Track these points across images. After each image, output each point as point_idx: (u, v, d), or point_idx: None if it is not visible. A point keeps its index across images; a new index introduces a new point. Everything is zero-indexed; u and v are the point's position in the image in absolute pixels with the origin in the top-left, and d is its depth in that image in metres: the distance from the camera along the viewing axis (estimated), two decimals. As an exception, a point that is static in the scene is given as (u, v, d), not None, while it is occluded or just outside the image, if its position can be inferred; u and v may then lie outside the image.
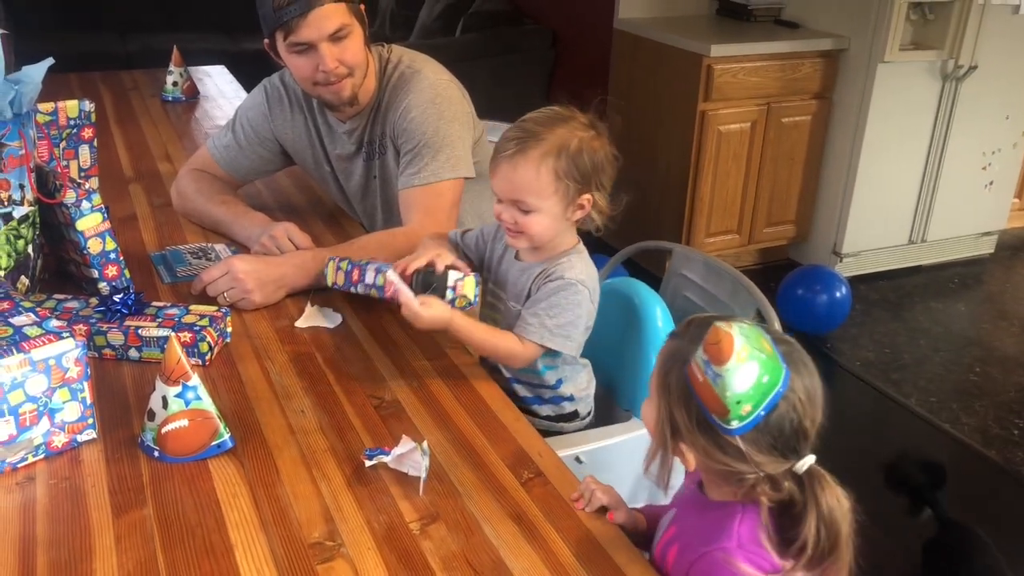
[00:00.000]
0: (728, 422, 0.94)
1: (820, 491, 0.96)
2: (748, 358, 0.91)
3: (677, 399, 0.98)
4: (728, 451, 0.96)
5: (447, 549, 1.06)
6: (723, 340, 0.91)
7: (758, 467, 0.95)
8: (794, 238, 3.96)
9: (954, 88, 3.69)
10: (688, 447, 0.99)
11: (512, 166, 1.37)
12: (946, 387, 3.14)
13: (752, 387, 0.92)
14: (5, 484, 1.14)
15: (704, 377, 0.93)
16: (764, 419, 0.94)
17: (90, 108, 1.87)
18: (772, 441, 0.95)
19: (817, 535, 0.94)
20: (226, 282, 1.59)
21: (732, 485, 1.00)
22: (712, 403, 0.94)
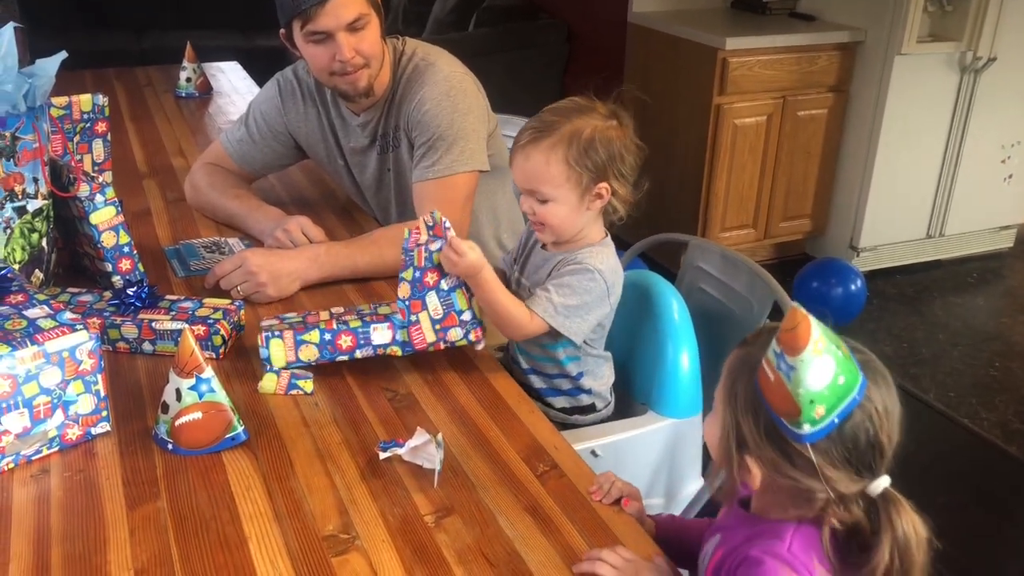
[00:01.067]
0: (800, 425, 0.86)
1: (896, 516, 0.90)
2: (824, 351, 0.85)
3: (744, 408, 0.91)
4: (798, 463, 0.89)
5: (462, 542, 1.05)
6: (801, 324, 0.84)
7: (829, 483, 0.88)
8: (810, 232, 3.93)
9: (973, 80, 3.65)
10: (754, 460, 0.92)
11: (525, 156, 1.39)
12: (965, 382, 3.11)
13: (827, 386, 0.85)
14: (20, 476, 1.14)
15: (776, 374, 0.86)
16: (838, 427, 0.87)
17: (103, 102, 1.88)
18: (846, 454, 0.88)
19: (890, 563, 0.89)
20: (240, 275, 1.58)
21: (799, 507, 0.92)
22: (783, 404, 0.86)
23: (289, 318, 1.42)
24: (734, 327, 1.66)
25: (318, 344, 1.34)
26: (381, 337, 1.36)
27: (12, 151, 1.39)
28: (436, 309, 1.37)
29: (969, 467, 2.74)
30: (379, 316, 1.39)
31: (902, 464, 2.82)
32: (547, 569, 1.01)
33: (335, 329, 1.35)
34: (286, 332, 1.34)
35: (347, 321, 1.37)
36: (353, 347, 1.35)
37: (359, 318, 1.38)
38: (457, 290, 1.38)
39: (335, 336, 1.34)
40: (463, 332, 1.40)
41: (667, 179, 3.77)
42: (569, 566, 1.02)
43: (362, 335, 1.35)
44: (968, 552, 2.32)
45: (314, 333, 1.34)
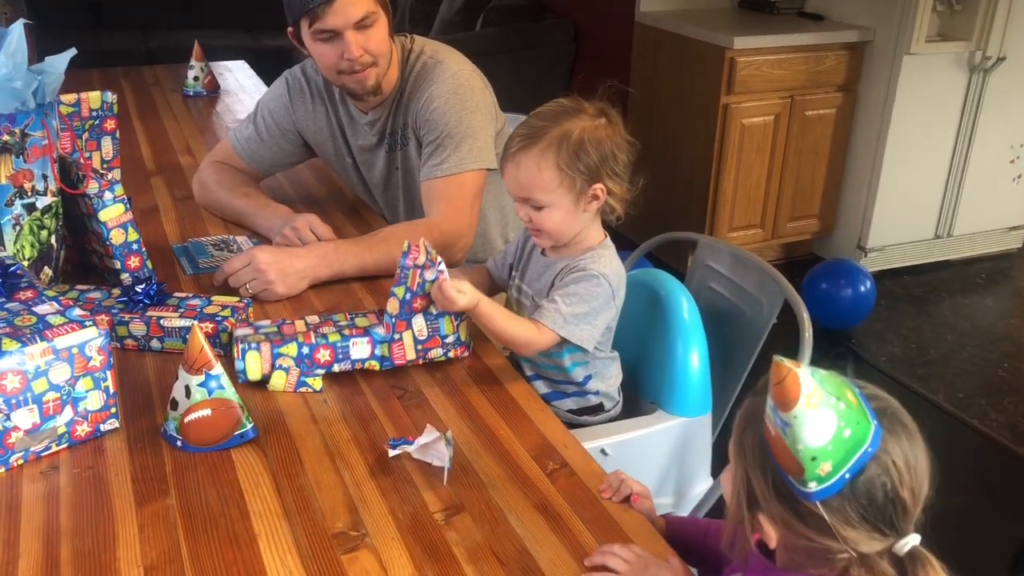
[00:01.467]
0: (805, 484, 0.80)
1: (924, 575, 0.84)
2: (821, 404, 0.79)
3: (753, 461, 0.86)
4: (810, 522, 0.83)
5: (472, 540, 1.04)
6: (787, 378, 0.78)
7: (847, 543, 0.82)
8: (818, 232, 3.92)
9: (982, 80, 3.64)
10: (767, 519, 0.86)
11: (515, 164, 1.37)
12: (974, 382, 3.10)
13: (830, 441, 0.79)
14: (29, 473, 1.14)
15: (775, 429, 0.81)
16: (850, 483, 0.81)
17: (112, 99, 1.88)
18: (862, 512, 0.82)
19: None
20: (248, 273, 1.58)
21: (820, 566, 0.86)
22: (785, 459, 0.81)
23: (264, 327, 1.38)
24: (744, 326, 1.66)
25: (295, 357, 1.32)
26: (360, 352, 1.35)
27: (21, 148, 1.39)
28: (421, 331, 1.36)
29: (978, 468, 2.73)
30: (358, 329, 1.37)
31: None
32: (557, 567, 1.00)
33: (313, 343, 1.33)
34: (263, 345, 1.32)
35: (325, 335, 1.35)
36: (331, 361, 1.34)
37: (337, 331, 1.36)
38: (445, 316, 1.37)
39: (313, 350, 1.33)
40: (444, 351, 1.39)
41: (674, 179, 3.76)
42: (580, 566, 1.01)
43: (340, 349, 1.34)
44: (979, 553, 2.31)
45: (291, 346, 1.32)
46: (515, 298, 1.55)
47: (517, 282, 1.54)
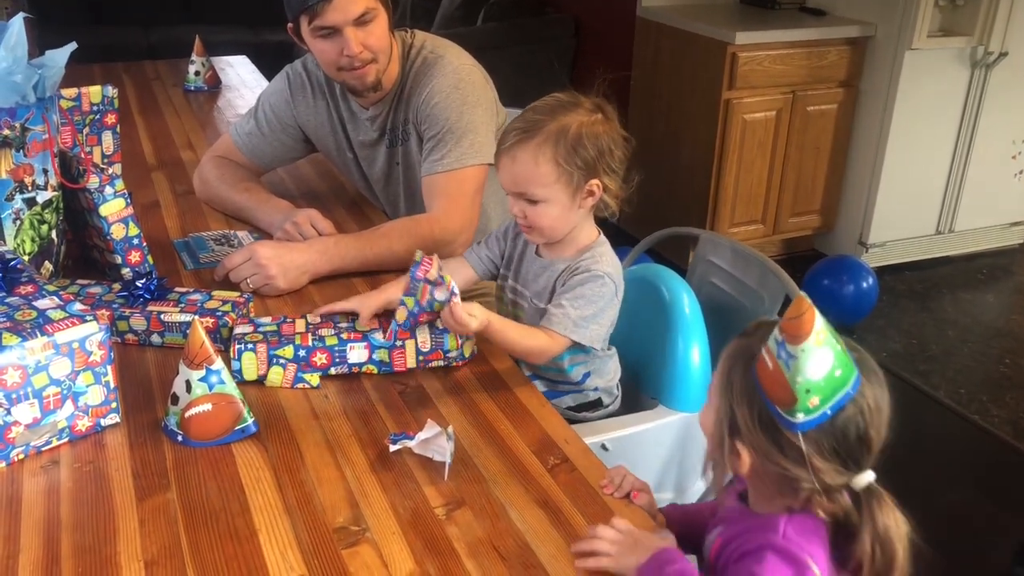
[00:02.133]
0: (794, 414, 0.88)
1: (878, 510, 0.92)
2: (825, 343, 0.87)
3: (740, 396, 0.94)
4: (788, 452, 0.91)
5: (473, 534, 1.04)
6: (806, 313, 0.86)
7: (816, 473, 0.90)
8: (819, 228, 3.92)
9: (984, 75, 3.63)
10: (745, 447, 0.94)
11: (512, 159, 1.35)
12: (975, 378, 3.10)
13: (824, 378, 0.87)
14: (30, 467, 1.14)
15: (775, 363, 0.88)
16: (830, 419, 0.89)
17: (113, 93, 1.87)
18: (835, 445, 0.91)
19: (872, 555, 0.91)
20: (249, 268, 1.58)
21: (785, 496, 0.94)
22: (780, 392, 0.88)
23: (264, 324, 1.38)
24: (745, 321, 1.63)
25: (291, 359, 1.32)
26: (357, 356, 1.34)
27: (22, 142, 1.39)
28: (425, 342, 1.35)
29: (979, 463, 2.73)
30: (356, 334, 1.36)
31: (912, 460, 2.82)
32: (558, 562, 1.00)
33: (310, 346, 1.32)
34: (260, 345, 1.31)
35: (323, 337, 1.34)
36: (328, 364, 1.33)
37: (335, 334, 1.35)
38: (449, 333, 1.36)
39: (310, 353, 1.32)
40: (445, 363, 1.38)
41: (676, 174, 3.76)
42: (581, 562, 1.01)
43: (338, 353, 1.33)
44: (980, 548, 2.31)
45: (288, 349, 1.31)
46: (510, 299, 1.54)
47: (511, 283, 1.53)
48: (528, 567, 0.99)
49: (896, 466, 2.74)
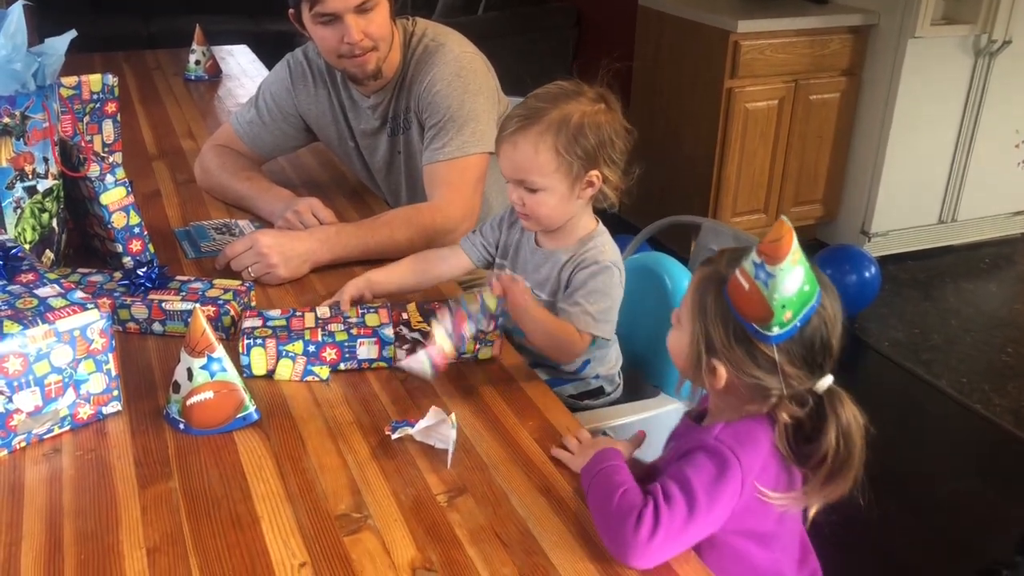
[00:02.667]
0: (769, 328, 0.97)
1: (840, 407, 1.01)
2: (799, 262, 0.95)
3: (714, 317, 1.02)
4: (761, 363, 1.00)
5: (475, 521, 1.04)
6: (786, 236, 0.93)
7: (787, 380, 1.00)
8: (822, 218, 3.91)
9: (987, 64, 3.62)
10: (721, 363, 1.02)
11: (512, 145, 1.34)
12: (977, 368, 3.09)
13: (796, 293, 0.96)
14: (32, 455, 1.14)
15: (752, 283, 0.96)
16: (799, 330, 0.98)
17: (113, 82, 1.87)
18: (804, 353, 1.00)
19: (836, 447, 1.00)
20: (250, 256, 1.58)
21: (756, 403, 1.03)
22: (756, 310, 0.97)
23: (273, 318, 1.37)
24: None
25: (301, 354, 1.31)
26: (367, 352, 1.33)
27: (22, 130, 1.39)
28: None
29: (981, 453, 2.73)
30: (366, 329, 1.34)
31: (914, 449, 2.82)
32: (560, 549, 1.00)
33: (320, 341, 1.31)
34: (269, 340, 1.30)
35: (332, 332, 1.33)
36: (337, 360, 1.33)
37: (345, 329, 1.34)
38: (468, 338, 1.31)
39: (319, 349, 1.31)
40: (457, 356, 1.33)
41: (677, 164, 3.75)
42: (583, 546, 1.01)
43: (347, 349, 1.32)
44: (982, 537, 2.32)
45: (298, 344, 1.31)
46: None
47: (508, 272, 1.52)
48: (530, 553, 0.99)
49: (898, 455, 2.76)
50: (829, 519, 1.10)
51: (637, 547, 0.96)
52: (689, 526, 0.97)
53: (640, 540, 0.96)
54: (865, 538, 2.30)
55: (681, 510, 0.97)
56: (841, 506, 1.06)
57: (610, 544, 0.99)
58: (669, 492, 0.98)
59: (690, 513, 0.97)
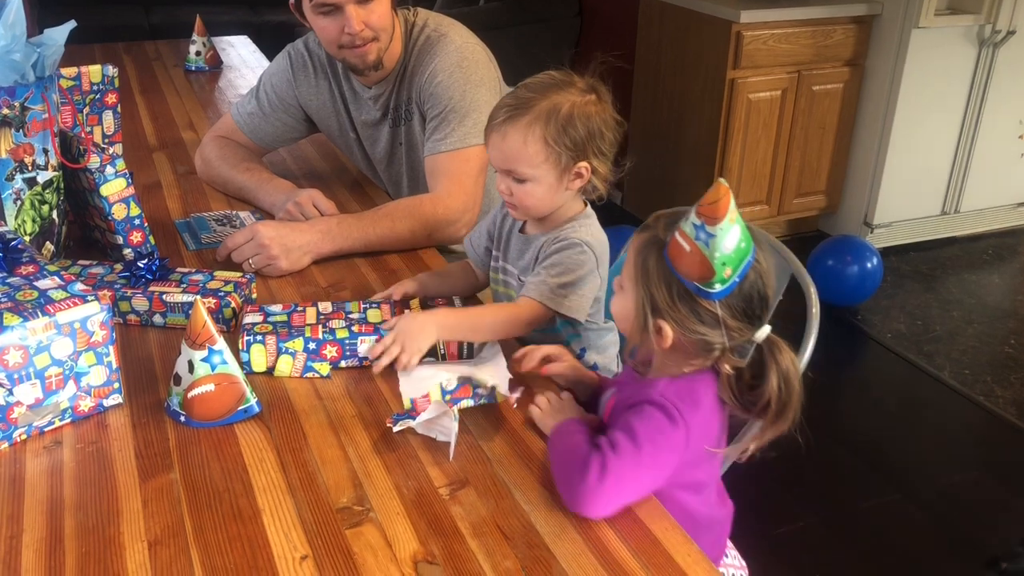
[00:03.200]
0: (711, 286, 1.02)
1: (779, 354, 1.08)
2: (736, 220, 1.00)
3: (656, 280, 1.07)
4: (705, 319, 1.05)
5: (477, 514, 1.04)
6: (724, 197, 0.98)
7: (729, 333, 1.05)
8: (824, 209, 3.90)
9: (991, 54, 3.60)
10: (666, 322, 1.07)
11: (501, 135, 1.33)
12: (980, 359, 3.09)
13: (734, 250, 1.01)
14: (33, 448, 1.13)
15: (693, 244, 1.01)
16: (739, 285, 1.04)
17: (113, 73, 1.86)
18: (744, 307, 1.06)
19: (779, 391, 1.07)
20: (251, 248, 1.57)
21: (700, 357, 1.09)
22: (698, 269, 1.02)
23: (275, 313, 1.36)
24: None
25: (301, 351, 1.30)
26: (368, 349, 1.32)
27: (21, 121, 1.38)
28: (450, 382, 1.27)
29: (984, 444, 2.73)
30: (368, 326, 1.34)
31: (916, 440, 2.81)
32: (562, 542, 1.00)
33: (320, 339, 1.30)
34: (269, 337, 1.29)
35: (333, 329, 1.32)
36: (338, 357, 1.32)
37: (347, 326, 1.33)
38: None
39: (320, 346, 1.30)
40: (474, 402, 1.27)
41: (680, 154, 3.74)
42: (585, 540, 1.01)
43: (348, 346, 1.31)
44: (984, 528, 2.31)
45: (298, 341, 1.30)
46: (502, 279, 1.51)
47: (501, 263, 1.51)
48: (532, 547, 0.99)
49: (900, 446, 2.75)
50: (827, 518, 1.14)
51: (587, 493, 1.01)
52: (637, 471, 1.03)
53: (589, 486, 1.01)
54: (867, 529, 2.30)
55: (628, 456, 1.03)
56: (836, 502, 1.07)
57: (564, 494, 1.05)
58: (615, 440, 1.05)
59: (637, 459, 1.03)
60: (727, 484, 1.28)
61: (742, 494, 1.34)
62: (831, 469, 2.54)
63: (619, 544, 1.00)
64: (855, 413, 2.84)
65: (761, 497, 2.34)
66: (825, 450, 2.60)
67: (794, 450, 1.13)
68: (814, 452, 2.63)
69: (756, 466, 1.19)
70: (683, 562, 0.98)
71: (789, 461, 2.49)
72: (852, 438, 2.67)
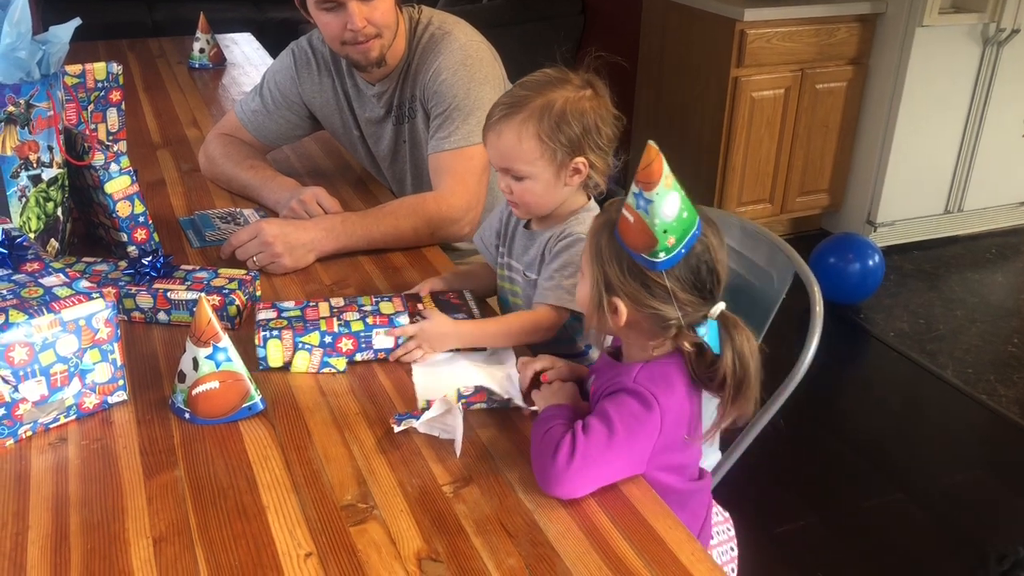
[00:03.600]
0: (656, 254, 1.04)
1: (734, 331, 1.09)
2: (672, 187, 1.01)
3: (608, 257, 1.10)
4: (656, 293, 1.07)
5: (481, 512, 1.04)
6: (655, 159, 1.00)
7: (682, 306, 1.07)
8: (827, 207, 3.90)
9: (995, 53, 3.60)
10: (620, 299, 1.10)
11: (496, 134, 1.33)
12: (983, 358, 3.09)
13: (675, 218, 1.02)
14: (38, 444, 1.14)
15: (635, 214, 1.03)
16: (685, 257, 1.05)
17: (118, 70, 1.86)
18: (693, 279, 1.07)
19: (733, 368, 1.08)
20: (255, 246, 1.57)
21: (657, 336, 1.11)
22: (642, 239, 1.04)
23: (288, 310, 1.36)
24: (754, 299, 1.64)
25: (318, 345, 1.30)
26: (383, 342, 1.32)
27: (26, 119, 1.38)
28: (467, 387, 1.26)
29: (987, 443, 2.73)
30: (382, 318, 1.33)
31: (919, 439, 2.81)
32: (566, 540, 1.00)
33: (336, 332, 1.30)
34: (285, 332, 1.30)
35: (348, 322, 1.32)
36: (354, 350, 1.32)
37: (361, 318, 1.33)
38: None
39: (336, 339, 1.30)
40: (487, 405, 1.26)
41: (683, 153, 3.73)
42: (589, 538, 1.01)
43: (363, 339, 1.31)
44: (987, 527, 2.31)
45: (314, 335, 1.30)
46: (507, 276, 1.52)
47: (506, 259, 1.51)
48: (536, 544, 0.99)
49: (903, 445, 2.74)
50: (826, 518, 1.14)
51: (556, 473, 1.05)
52: (607, 453, 1.06)
53: (558, 466, 1.04)
54: (869, 528, 2.30)
55: (598, 438, 1.06)
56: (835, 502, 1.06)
57: (537, 475, 1.08)
58: (588, 424, 1.08)
59: (608, 440, 1.06)
60: (727, 485, 1.29)
61: (744, 492, 1.34)
62: (833, 468, 2.54)
63: (623, 543, 1.00)
64: (857, 412, 2.83)
65: (762, 496, 2.34)
66: (827, 449, 2.60)
67: (795, 448, 1.12)
68: (816, 451, 2.64)
69: (757, 464, 1.19)
70: (687, 560, 0.98)
71: (791, 460, 2.51)
72: (854, 437, 2.67)
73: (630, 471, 1.10)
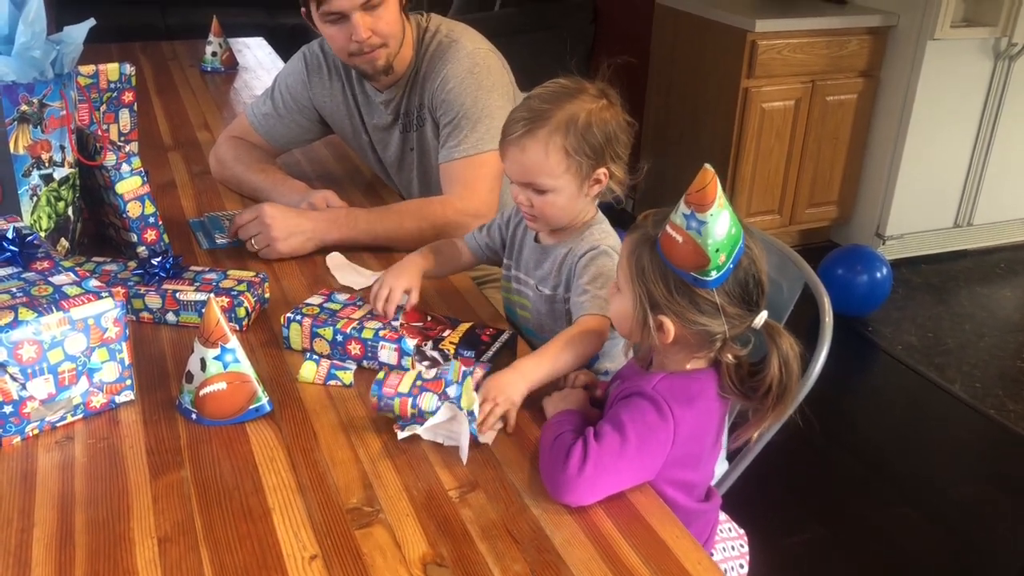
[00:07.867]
0: (707, 273, 1.02)
1: (779, 338, 1.09)
2: (725, 205, 1.01)
3: (653, 276, 1.08)
4: (704, 309, 1.06)
5: (486, 517, 1.04)
6: (711, 183, 0.99)
7: (729, 320, 1.06)
8: (836, 219, 3.89)
9: (1007, 67, 3.59)
10: (666, 317, 1.08)
11: (520, 148, 1.32)
12: (991, 373, 3.07)
13: (726, 236, 1.01)
14: (45, 443, 1.14)
15: (686, 235, 1.02)
16: (733, 271, 1.04)
17: (130, 71, 1.87)
18: (741, 293, 1.06)
19: (780, 375, 1.08)
20: (256, 226, 1.59)
21: (703, 350, 1.10)
22: (694, 259, 1.02)
23: (334, 301, 1.40)
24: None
25: (329, 341, 1.33)
26: (387, 356, 1.32)
27: (40, 118, 1.39)
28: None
29: (995, 457, 2.71)
30: (393, 333, 1.33)
31: (927, 453, 2.80)
32: (572, 547, 1.00)
33: (348, 333, 1.32)
34: (307, 319, 1.33)
35: (362, 327, 1.33)
36: (360, 356, 1.33)
37: (374, 330, 1.33)
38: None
39: (346, 340, 1.32)
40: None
41: (692, 163, 3.71)
42: (595, 545, 1.00)
43: (369, 348, 1.32)
44: (995, 542, 2.30)
45: (328, 330, 1.32)
46: (515, 288, 1.52)
47: (514, 271, 1.51)
48: (541, 551, 0.99)
49: (911, 459, 2.73)
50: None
51: (567, 480, 1.03)
52: (619, 461, 1.05)
53: (569, 473, 1.03)
54: (876, 541, 2.28)
55: (611, 446, 1.05)
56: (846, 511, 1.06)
57: (546, 483, 1.07)
58: (600, 431, 1.07)
59: (620, 449, 1.05)
60: (734, 496, 1.28)
61: (751, 503, 1.33)
62: (840, 480, 2.53)
63: (630, 551, 1.00)
64: (865, 424, 2.82)
65: (770, 507, 2.33)
66: (835, 461, 2.59)
67: (803, 460, 1.12)
68: (824, 462, 2.63)
69: (766, 475, 1.19)
70: (693, 569, 0.98)
71: (799, 471, 2.49)
72: (862, 449, 2.66)
73: (641, 479, 1.09)
